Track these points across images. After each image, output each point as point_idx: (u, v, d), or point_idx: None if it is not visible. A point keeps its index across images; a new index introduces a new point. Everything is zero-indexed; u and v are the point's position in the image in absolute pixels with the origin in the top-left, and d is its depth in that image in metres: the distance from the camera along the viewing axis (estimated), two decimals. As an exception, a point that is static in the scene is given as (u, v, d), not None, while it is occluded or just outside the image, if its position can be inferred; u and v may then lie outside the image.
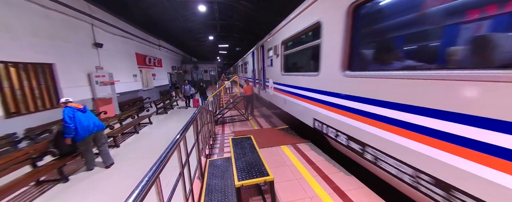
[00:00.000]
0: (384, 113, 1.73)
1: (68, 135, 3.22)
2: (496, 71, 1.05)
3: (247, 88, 6.28)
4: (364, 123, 1.96)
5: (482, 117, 1.10)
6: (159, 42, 13.77)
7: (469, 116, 1.16)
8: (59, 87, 5.42)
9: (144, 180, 0.94)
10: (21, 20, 4.53)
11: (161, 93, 13.04)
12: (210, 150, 3.59)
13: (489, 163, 1.09)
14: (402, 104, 1.56)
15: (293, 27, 3.58)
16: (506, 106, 1.01)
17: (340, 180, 2.35)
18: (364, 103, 1.95)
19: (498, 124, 1.04)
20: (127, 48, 9.43)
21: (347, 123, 2.21)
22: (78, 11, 6.15)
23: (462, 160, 1.20)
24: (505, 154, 1.02)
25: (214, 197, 1.87)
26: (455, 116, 1.22)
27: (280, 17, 7.03)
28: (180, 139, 1.57)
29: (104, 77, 6.87)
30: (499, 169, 1.05)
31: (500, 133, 1.03)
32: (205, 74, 24.16)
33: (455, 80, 1.22)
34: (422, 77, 1.41)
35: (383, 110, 1.74)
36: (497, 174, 1.06)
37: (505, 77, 1.01)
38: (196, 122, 2.40)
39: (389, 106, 1.68)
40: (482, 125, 1.10)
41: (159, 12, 9.91)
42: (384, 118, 1.73)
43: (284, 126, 5.11)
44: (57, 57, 5.39)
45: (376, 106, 1.80)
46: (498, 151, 1.04)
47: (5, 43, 4.20)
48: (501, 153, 1.03)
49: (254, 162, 2.13)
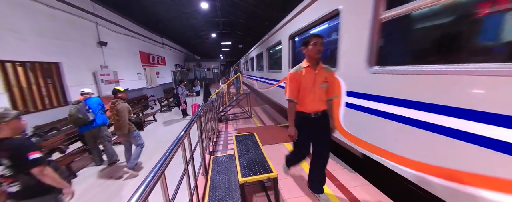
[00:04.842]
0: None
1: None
2: None
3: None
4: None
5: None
6: (162, 40, 13.82)
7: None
8: (66, 86, 5.52)
9: (150, 176, 0.95)
10: (28, 21, 4.60)
11: (165, 91, 13.15)
12: (213, 147, 3.62)
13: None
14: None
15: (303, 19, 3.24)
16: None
17: (344, 177, 2.34)
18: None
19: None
20: (131, 47, 9.50)
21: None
22: (82, 10, 6.21)
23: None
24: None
25: (218, 193, 1.90)
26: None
27: (283, 13, 6.88)
28: (184, 136, 1.58)
29: (109, 75, 6.96)
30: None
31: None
32: (208, 72, 24.21)
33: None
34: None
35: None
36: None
37: None
38: (200, 119, 2.41)
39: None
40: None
41: (162, 10, 9.92)
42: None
43: (287, 124, 5.11)
44: (63, 56, 5.47)
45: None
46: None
47: (14, 43, 4.28)
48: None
49: (257, 158, 2.14)
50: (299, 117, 1.79)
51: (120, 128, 3.23)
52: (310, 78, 1.68)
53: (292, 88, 1.74)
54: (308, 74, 1.69)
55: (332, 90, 1.79)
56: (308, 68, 1.70)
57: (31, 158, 1.49)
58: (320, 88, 1.70)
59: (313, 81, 1.68)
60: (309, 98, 1.71)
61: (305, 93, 1.71)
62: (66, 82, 5.52)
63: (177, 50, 17.75)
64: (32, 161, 1.49)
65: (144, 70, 10.76)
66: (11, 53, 4.22)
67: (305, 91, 1.70)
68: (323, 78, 1.69)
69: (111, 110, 3.28)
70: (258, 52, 7.59)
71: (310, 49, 1.64)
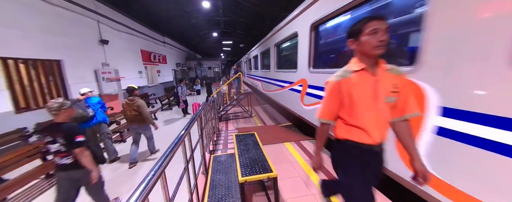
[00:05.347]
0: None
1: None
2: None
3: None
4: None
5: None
6: (163, 38, 13.83)
7: None
8: (67, 84, 5.53)
9: (150, 174, 0.96)
10: (30, 18, 4.61)
11: (166, 90, 13.17)
12: (214, 146, 3.63)
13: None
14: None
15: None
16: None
17: (344, 177, 2.34)
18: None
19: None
20: (133, 45, 9.51)
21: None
22: (84, 7, 6.22)
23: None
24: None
25: (218, 192, 1.90)
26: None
27: (285, 12, 6.85)
28: (184, 135, 1.59)
29: (110, 73, 6.97)
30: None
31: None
32: (209, 71, 24.23)
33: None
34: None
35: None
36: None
37: None
38: (200, 118, 2.42)
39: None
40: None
41: (164, 9, 9.93)
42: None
43: (288, 123, 5.11)
44: (65, 54, 5.49)
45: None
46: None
47: (16, 41, 4.29)
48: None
49: (257, 158, 2.14)
50: (350, 150, 1.14)
51: (142, 121, 3.57)
52: (367, 88, 1.05)
53: (329, 106, 1.15)
54: (364, 82, 1.05)
55: (406, 106, 1.09)
56: (363, 73, 1.05)
57: (77, 140, 1.91)
58: (386, 103, 1.05)
59: (373, 92, 1.04)
60: (367, 120, 1.07)
61: (360, 112, 1.07)
62: (68, 80, 5.53)
63: (178, 49, 17.75)
64: (77, 142, 1.91)
65: (145, 68, 10.77)
66: (13, 50, 4.23)
67: (360, 108, 1.06)
68: (390, 87, 1.04)
69: (130, 106, 3.50)
70: (263, 49, 6.86)
71: (365, 41, 1.00)
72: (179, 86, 7.06)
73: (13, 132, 3.96)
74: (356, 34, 1.04)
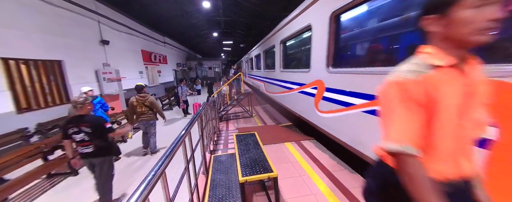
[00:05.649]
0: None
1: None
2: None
3: None
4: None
5: None
6: (164, 39, 13.84)
7: None
8: (68, 84, 5.55)
9: (151, 174, 0.96)
10: (31, 18, 4.62)
11: (167, 90, 13.17)
12: (214, 146, 3.63)
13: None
14: None
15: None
16: None
17: (345, 177, 2.34)
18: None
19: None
20: (133, 45, 9.53)
21: None
22: (84, 8, 6.23)
23: None
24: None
25: (219, 192, 1.90)
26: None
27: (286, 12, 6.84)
28: (185, 135, 1.59)
29: (111, 74, 6.98)
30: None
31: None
32: (210, 71, 24.24)
33: None
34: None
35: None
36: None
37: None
38: (201, 118, 2.42)
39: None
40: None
41: (164, 9, 9.93)
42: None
43: (288, 123, 5.10)
44: (66, 54, 5.50)
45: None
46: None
47: (17, 41, 4.30)
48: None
49: (258, 158, 2.14)
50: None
51: (150, 117, 3.89)
52: (457, 92, 0.65)
53: (407, 122, 0.64)
54: (452, 83, 0.65)
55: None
56: (451, 71, 0.66)
57: (108, 127, 2.27)
58: (475, 120, 0.69)
59: (466, 101, 0.66)
60: (455, 142, 0.68)
61: (445, 130, 0.66)
62: (68, 80, 5.55)
63: (178, 49, 17.76)
64: (108, 128, 2.27)
65: (146, 69, 10.78)
66: (13, 50, 4.24)
67: (446, 125, 0.65)
68: (485, 96, 0.71)
69: (141, 102, 3.76)
70: (267, 48, 6.39)
71: (463, 18, 0.60)
72: (179, 86, 7.06)
73: (15, 132, 3.97)
74: (444, 7, 0.63)
